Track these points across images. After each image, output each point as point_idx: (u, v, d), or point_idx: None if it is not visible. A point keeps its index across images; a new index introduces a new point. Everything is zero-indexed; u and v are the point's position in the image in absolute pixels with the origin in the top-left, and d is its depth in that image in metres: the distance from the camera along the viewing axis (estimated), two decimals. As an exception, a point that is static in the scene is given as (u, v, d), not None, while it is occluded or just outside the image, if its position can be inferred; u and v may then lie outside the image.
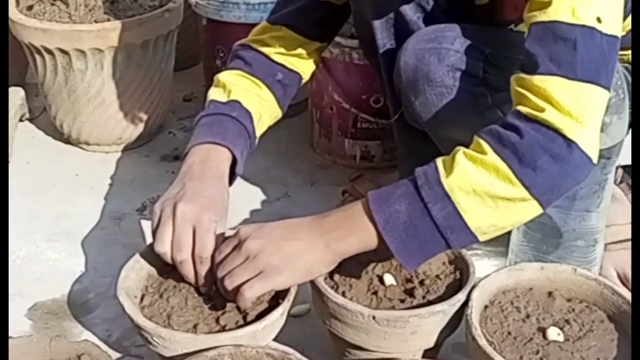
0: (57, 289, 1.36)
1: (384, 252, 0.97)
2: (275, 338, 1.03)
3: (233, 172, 1.20)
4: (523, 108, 0.95)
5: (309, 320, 1.25)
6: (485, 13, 1.21)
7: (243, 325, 1.01)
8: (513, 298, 1.07)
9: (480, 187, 0.93)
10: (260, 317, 1.01)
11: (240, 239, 1.01)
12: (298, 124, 1.93)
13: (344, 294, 1.05)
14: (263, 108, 1.29)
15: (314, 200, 1.63)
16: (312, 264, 0.99)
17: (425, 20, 1.18)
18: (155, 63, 1.79)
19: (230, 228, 1.13)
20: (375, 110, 1.71)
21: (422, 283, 1.08)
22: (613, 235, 1.31)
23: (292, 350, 0.97)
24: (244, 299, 0.99)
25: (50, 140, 1.90)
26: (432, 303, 1.04)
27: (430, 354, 1.07)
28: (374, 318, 1.00)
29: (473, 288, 1.04)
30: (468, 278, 1.07)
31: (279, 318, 1.02)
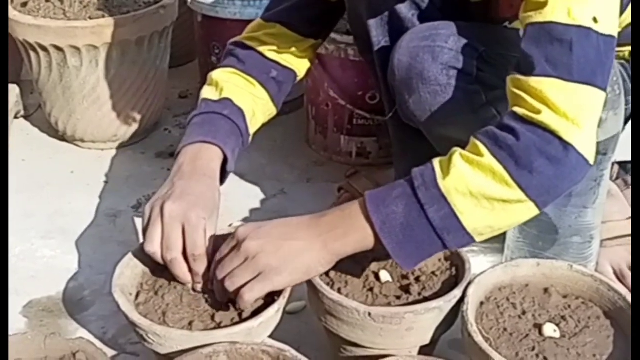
0: (52, 287, 1.36)
1: (381, 250, 0.97)
2: (271, 335, 1.03)
3: (225, 170, 1.19)
4: (519, 109, 0.95)
5: (305, 317, 1.25)
6: (480, 10, 1.21)
7: (238, 322, 1.01)
8: (509, 294, 1.07)
9: (477, 189, 0.93)
10: (256, 314, 1.01)
11: (239, 240, 1.00)
12: (294, 121, 1.92)
13: (340, 291, 1.05)
14: (256, 105, 1.28)
15: (310, 197, 1.63)
16: (310, 264, 0.99)
17: (420, 18, 1.18)
18: (151, 60, 1.78)
19: (229, 225, 1.13)
20: (371, 107, 1.71)
21: (418, 280, 1.09)
22: (609, 232, 1.31)
23: (287, 347, 0.97)
24: (244, 302, 0.99)
25: (45, 138, 1.90)
26: (428, 299, 1.04)
27: (426, 351, 1.07)
28: (370, 315, 1.00)
29: (469, 284, 1.04)
30: (464, 274, 1.06)
31: (275, 315, 1.02)
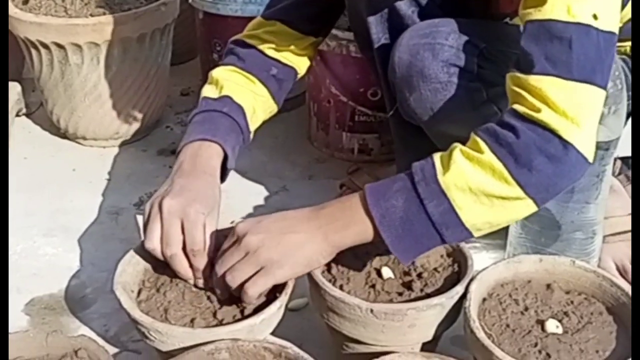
0: (54, 284, 1.36)
1: (381, 245, 0.97)
2: (273, 332, 1.03)
3: (226, 168, 1.19)
4: (519, 107, 0.95)
5: (307, 314, 1.25)
6: (480, 7, 1.20)
7: (240, 319, 1.01)
8: (511, 290, 1.07)
9: (476, 185, 0.93)
10: (258, 310, 1.01)
11: (239, 235, 1.00)
12: (295, 118, 1.92)
13: (342, 288, 1.05)
14: (257, 103, 1.28)
15: (312, 194, 1.63)
16: (311, 256, 0.99)
17: (420, 15, 1.18)
18: (152, 57, 1.78)
19: (230, 222, 1.12)
20: (373, 104, 1.70)
21: (420, 276, 1.08)
22: (611, 227, 1.31)
23: (289, 344, 0.96)
24: (248, 297, 0.99)
25: (47, 136, 1.90)
26: (430, 296, 1.04)
27: (429, 347, 1.07)
28: (372, 311, 1.00)
29: (471, 281, 1.04)
30: (466, 271, 1.06)
31: (277, 312, 1.02)
